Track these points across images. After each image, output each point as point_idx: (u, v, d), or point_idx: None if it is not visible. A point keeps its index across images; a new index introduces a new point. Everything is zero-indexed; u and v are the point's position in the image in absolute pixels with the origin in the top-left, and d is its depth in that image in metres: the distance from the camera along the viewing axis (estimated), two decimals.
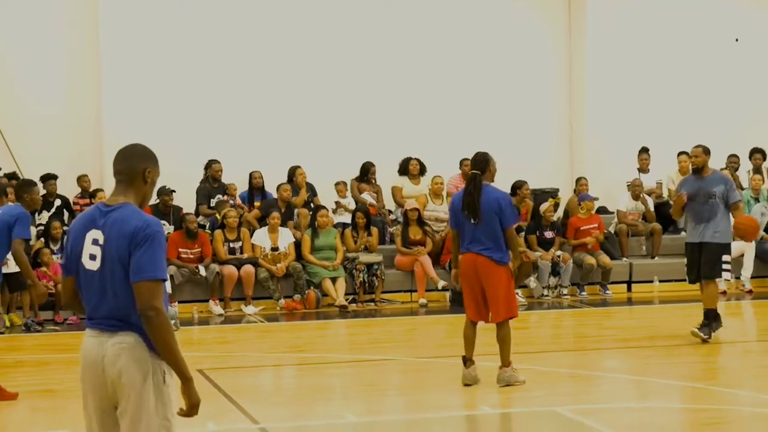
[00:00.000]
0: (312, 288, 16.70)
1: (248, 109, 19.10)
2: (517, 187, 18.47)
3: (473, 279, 10.11)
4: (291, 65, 19.29)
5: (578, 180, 19.21)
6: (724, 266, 12.89)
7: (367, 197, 18.47)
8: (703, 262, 12.68)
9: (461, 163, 18.57)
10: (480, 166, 10.18)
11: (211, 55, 19.00)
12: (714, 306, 12.80)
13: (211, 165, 18.03)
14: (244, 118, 19.06)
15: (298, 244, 17.08)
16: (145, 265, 4.87)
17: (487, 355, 10.67)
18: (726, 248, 12.80)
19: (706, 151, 12.93)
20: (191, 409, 4.97)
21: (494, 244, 9.99)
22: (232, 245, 16.83)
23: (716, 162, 19.56)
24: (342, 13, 19.59)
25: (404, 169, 18.77)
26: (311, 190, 18.33)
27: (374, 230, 17.59)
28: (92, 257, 4.99)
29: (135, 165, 5.08)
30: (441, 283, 16.87)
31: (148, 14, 18.73)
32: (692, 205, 12.74)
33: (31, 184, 11.10)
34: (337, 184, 18.44)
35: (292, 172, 18.14)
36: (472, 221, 10.02)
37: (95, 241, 4.99)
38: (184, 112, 18.70)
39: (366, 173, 18.79)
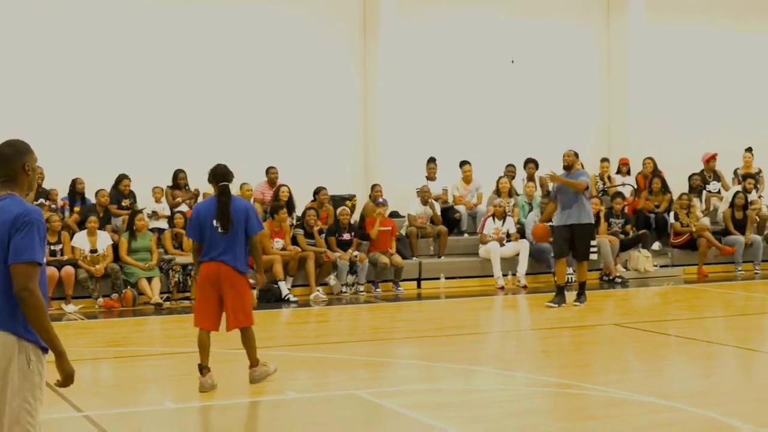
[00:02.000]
0: (129, 287, 16.57)
1: (71, 117, 18.69)
2: (317, 192, 18.71)
3: (213, 288, 9.73)
4: (112, 75, 19.00)
5: (373, 186, 19.49)
6: (592, 249, 16.13)
7: (185, 207, 18.41)
8: (578, 246, 15.16)
9: (267, 170, 18.77)
10: (229, 177, 9.88)
11: (35, 63, 18.54)
12: (585, 279, 15.57)
13: None
14: (68, 125, 18.66)
15: (116, 247, 16.94)
16: (22, 248, 4.91)
17: (288, 346, 10.81)
18: (592, 227, 15.59)
19: (576, 155, 15.47)
20: (66, 379, 5.02)
21: (240, 253, 9.67)
22: (53, 247, 16.53)
23: (495, 171, 20.33)
24: (156, 26, 19.39)
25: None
26: (132, 197, 18.20)
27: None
28: None
29: (14, 165, 5.18)
30: (251, 281, 16.89)
31: None
32: (561, 196, 15.14)
33: None
34: (153, 189, 18.34)
35: (119, 181, 18.10)
36: (220, 231, 9.64)
37: None
38: (11, 118, 17.99)
39: (176, 179, 18.75)
